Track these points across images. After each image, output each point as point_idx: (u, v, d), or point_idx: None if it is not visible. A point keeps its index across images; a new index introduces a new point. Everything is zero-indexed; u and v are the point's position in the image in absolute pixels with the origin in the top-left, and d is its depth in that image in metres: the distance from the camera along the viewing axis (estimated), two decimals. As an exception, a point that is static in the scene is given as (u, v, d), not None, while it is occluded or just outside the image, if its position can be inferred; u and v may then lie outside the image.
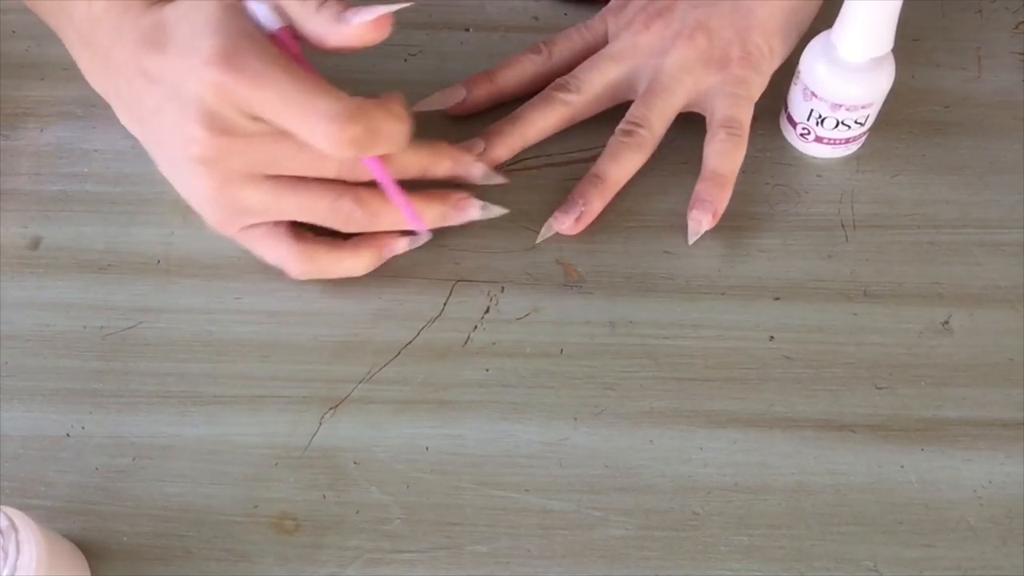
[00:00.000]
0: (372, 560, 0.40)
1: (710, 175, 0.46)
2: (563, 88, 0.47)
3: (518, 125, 0.47)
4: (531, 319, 0.45)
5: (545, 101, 0.47)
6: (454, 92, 0.49)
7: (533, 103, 0.48)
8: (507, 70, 0.49)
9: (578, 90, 0.47)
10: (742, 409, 0.43)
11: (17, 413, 0.43)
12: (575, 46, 0.49)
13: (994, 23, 0.54)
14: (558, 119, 0.48)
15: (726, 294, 0.46)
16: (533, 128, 0.47)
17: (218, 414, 0.43)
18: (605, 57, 0.48)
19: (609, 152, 0.47)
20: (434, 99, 0.49)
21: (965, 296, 0.46)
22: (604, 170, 0.46)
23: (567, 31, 0.50)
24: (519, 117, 0.47)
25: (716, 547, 0.41)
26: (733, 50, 0.47)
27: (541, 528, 0.41)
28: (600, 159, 0.47)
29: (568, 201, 0.46)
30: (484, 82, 0.49)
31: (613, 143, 0.47)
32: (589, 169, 0.47)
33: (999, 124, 0.51)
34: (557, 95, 0.47)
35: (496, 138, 0.47)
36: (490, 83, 0.49)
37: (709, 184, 0.46)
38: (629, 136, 0.46)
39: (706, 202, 0.45)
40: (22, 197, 0.48)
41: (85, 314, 0.45)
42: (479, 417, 0.43)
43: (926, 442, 0.43)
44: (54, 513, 0.41)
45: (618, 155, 0.46)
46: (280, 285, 0.46)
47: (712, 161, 0.46)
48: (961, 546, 0.41)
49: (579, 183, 0.47)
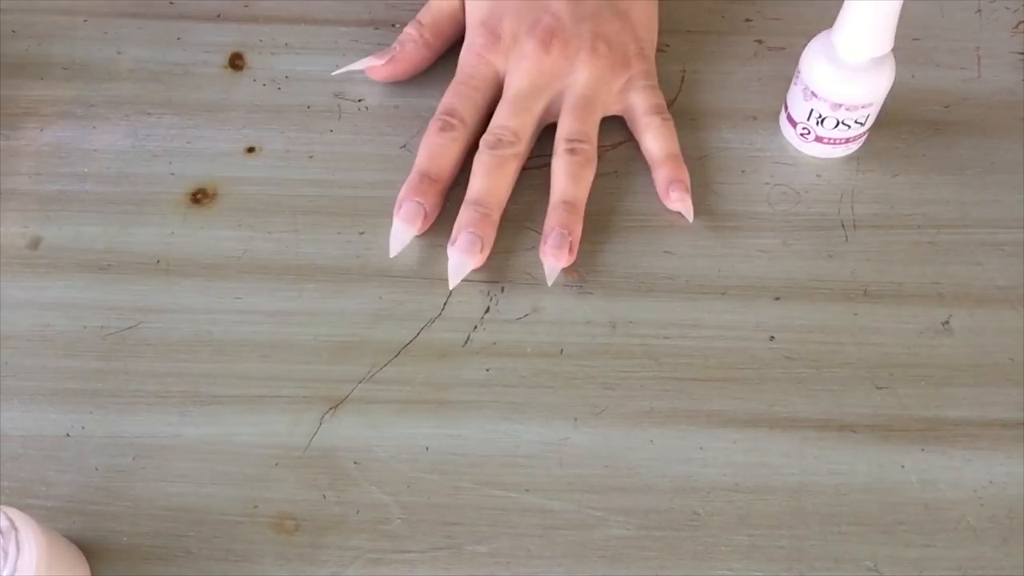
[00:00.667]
0: (372, 560, 0.40)
1: (668, 158, 0.48)
2: (502, 145, 0.46)
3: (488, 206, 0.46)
4: (531, 319, 0.45)
5: (497, 164, 0.46)
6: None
7: (485, 171, 0.46)
8: (441, 161, 0.47)
9: (518, 139, 0.47)
10: (742, 409, 0.43)
11: (17, 413, 0.43)
12: (478, 103, 0.48)
13: (994, 23, 0.54)
14: (515, 174, 0.47)
15: (726, 294, 0.46)
16: (502, 195, 0.47)
17: (218, 414, 0.43)
18: (522, 97, 0.47)
19: (568, 175, 0.46)
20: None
21: (965, 296, 0.46)
22: (573, 195, 0.46)
23: (457, 91, 0.48)
24: (481, 200, 0.46)
25: (716, 547, 0.41)
26: (630, 49, 0.49)
27: (541, 528, 0.41)
28: (561, 184, 0.46)
29: (554, 235, 0.45)
30: (428, 188, 0.46)
31: (568, 165, 0.46)
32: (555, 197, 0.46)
33: (999, 124, 0.51)
34: (503, 153, 0.46)
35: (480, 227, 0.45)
36: (434, 184, 0.46)
37: (672, 165, 0.47)
38: (577, 155, 0.47)
39: (681, 181, 0.47)
40: (22, 197, 0.48)
41: (85, 314, 0.45)
42: (479, 417, 0.43)
43: (926, 442, 0.43)
44: (54, 513, 0.41)
45: (578, 175, 0.46)
46: (280, 285, 0.46)
47: (661, 145, 0.48)
48: (961, 546, 0.41)
49: (554, 213, 0.46)
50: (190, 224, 0.47)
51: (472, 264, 0.45)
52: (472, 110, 0.48)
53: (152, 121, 0.50)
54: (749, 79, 0.52)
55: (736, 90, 0.52)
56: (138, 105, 0.51)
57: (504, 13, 0.48)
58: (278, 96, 0.51)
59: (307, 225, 0.47)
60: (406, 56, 0.50)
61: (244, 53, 0.53)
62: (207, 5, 0.54)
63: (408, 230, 0.46)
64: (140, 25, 0.53)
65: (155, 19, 0.53)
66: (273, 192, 0.48)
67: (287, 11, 0.54)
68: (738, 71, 0.52)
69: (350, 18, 0.54)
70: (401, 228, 0.46)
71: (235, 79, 0.52)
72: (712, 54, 0.53)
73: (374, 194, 0.48)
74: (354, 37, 0.53)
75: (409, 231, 0.46)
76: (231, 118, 0.50)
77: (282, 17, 0.54)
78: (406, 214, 0.46)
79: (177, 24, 0.53)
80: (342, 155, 0.50)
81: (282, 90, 0.51)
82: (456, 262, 0.45)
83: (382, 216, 0.48)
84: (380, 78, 0.51)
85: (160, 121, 0.50)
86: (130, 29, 0.53)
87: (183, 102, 0.51)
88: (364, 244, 0.47)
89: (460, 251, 0.45)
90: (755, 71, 0.52)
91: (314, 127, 0.50)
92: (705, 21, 0.54)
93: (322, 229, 0.47)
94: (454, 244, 0.45)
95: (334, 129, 0.50)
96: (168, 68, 0.52)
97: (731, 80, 0.52)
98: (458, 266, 0.45)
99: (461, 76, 0.49)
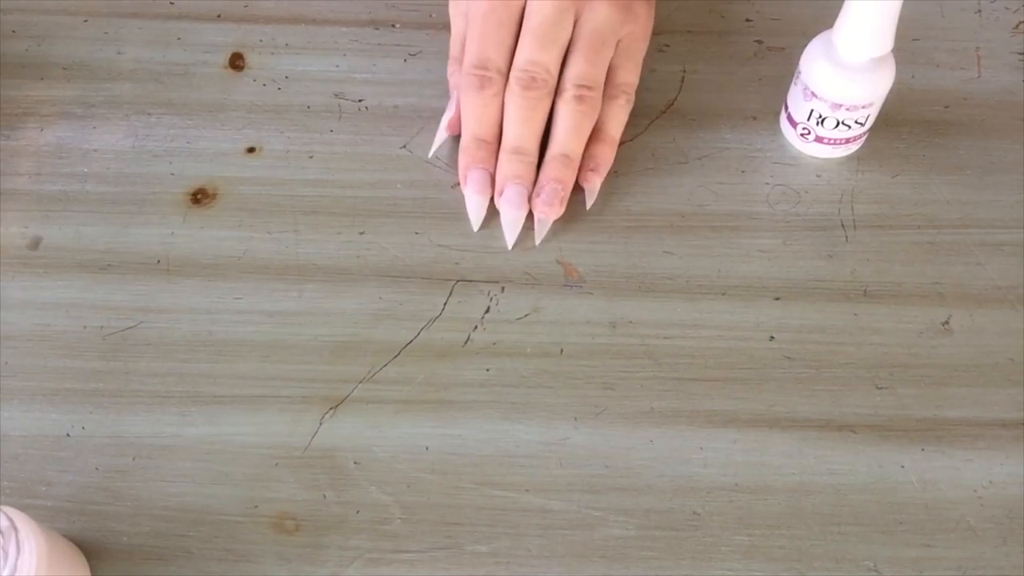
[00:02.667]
0: (372, 560, 0.40)
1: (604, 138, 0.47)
2: (536, 84, 0.45)
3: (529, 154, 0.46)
4: (531, 319, 0.45)
5: (532, 107, 0.45)
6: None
7: (522, 116, 0.45)
8: (490, 120, 0.46)
9: (550, 75, 0.45)
10: (742, 409, 0.43)
11: (17, 413, 0.43)
12: (508, 43, 0.46)
13: (994, 23, 0.54)
14: (546, 113, 0.46)
15: (726, 294, 0.46)
16: (540, 136, 0.46)
17: (218, 414, 0.43)
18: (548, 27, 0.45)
19: (571, 126, 0.45)
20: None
21: (965, 296, 0.46)
22: (572, 149, 0.46)
23: (486, 34, 0.45)
24: (522, 148, 0.45)
25: (716, 547, 0.41)
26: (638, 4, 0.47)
27: (541, 528, 0.41)
28: (561, 135, 0.46)
29: (547, 189, 0.45)
30: (490, 154, 0.46)
31: (572, 114, 0.45)
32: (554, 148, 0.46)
33: (999, 124, 0.51)
34: (538, 94, 0.45)
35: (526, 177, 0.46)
36: (491, 147, 0.46)
37: (604, 146, 0.47)
38: (583, 103, 0.45)
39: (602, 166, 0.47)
40: (22, 197, 0.48)
41: (85, 314, 0.45)
42: (479, 417, 0.43)
43: (926, 442, 0.43)
44: (54, 513, 0.41)
45: (580, 127, 0.46)
46: (280, 285, 0.46)
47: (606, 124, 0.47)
48: (961, 546, 0.41)
49: (549, 165, 0.46)
50: (190, 224, 0.47)
51: (522, 217, 0.45)
52: (505, 54, 0.46)
53: (152, 121, 0.50)
54: (749, 79, 0.52)
55: (736, 90, 0.52)
56: (138, 105, 0.51)
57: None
58: (278, 96, 0.51)
59: (307, 225, 0.47)
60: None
61: (244, 53, 0.53)
62: (207, 5, 0.54)
63: (484, 200, 0.46)
64: (140, 25, 0.53)
65: (155, 19, 0.53)
66: (273, 192, 0.48)
67: (287, 11, 0.54)
68: (738, 71, 0.52)
69: (350, 18, 0.54)
70: (477, 200, 0.46)
71: (235, 79, 0.52)
72: (712, 54, 0.53)
73: (374, 194, 0.48)
74: (354, 37, 0.53)
75: (484, 200, 0.46)
76: (231, 118, 0.50)
77: (282, 17, 0.54)
78: (478, 184, 0.46)
79: (177, 24, 0.53)
80: (342, 155, 0.49)
81: (282, 90, 0.51)
82: (510, 217, 0.44)
83: (382, 216, 0.48)
84: None
85: (160, 121, 0.50)
86: (130, 29, 0.53)
87: (183, 102, 0.51)
88: (364, 244, 0.47)
89: (511, 205, 0.45)
90: (755, 71, 0.52)
91: (314, 127, 0.50)
92: (705, 21, 0.54)
93: (322, 229, 0.47)
94: (503, 196, 0.44)
95: (334, 129, 0.50)
96: (168, 68, 0.52)
97: (731, 80, 0.52)
98: (512, 222, 0.45)
99: (484, 11, 0.45)
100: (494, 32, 0.45)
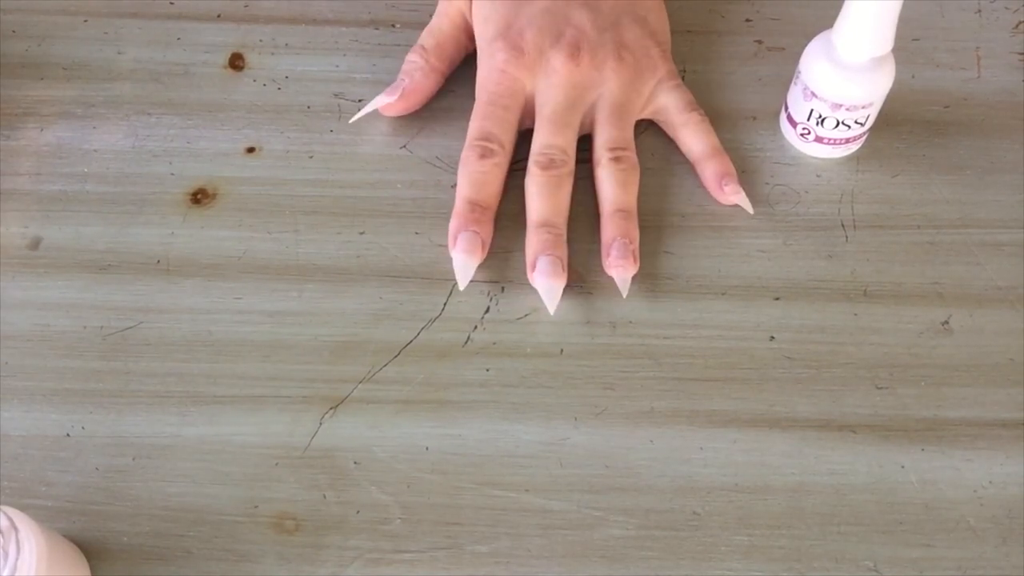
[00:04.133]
0: (372, 560, 0.40)
1: (713, 152, 0.48)
2: (555, 165, 0.46)
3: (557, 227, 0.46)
4: (531, 319, 0.45)
5: (555, 185, 0.46)
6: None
7: (546, 193, 0.46)
8: (488, 188, 0.46)
9: (567, 156, 0.47)
10: (742, 409, 0.43)
11: (17, 413, 0.43)
12: (511, 122, 0.47)
13: (994, 23, 0.54)
14: (570, 190, 0.47)
15: (726, 294, 0.46)
16: (566, 213, 0.47)
17: (218, 414, 0.43)
18: (560, 113, 0.47)
19: (617, 182, 0.46)
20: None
21: (965, 296, 0.46)
22: (626, 202, 0.46)
23: (489, 112, 0.47)
24: (549, 222, 0.46)
25: (716, 547, 0.41)
26: (654, 52, 0.49)
27: (541, 528, 0.41)
28: (611, 192, 0.46)
29: (616, 245, 0.45)
30: (481, 217, 0.46)
31: (614, 172, 0.46)
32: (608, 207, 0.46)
33: (999, 124, 0.51)
34: (558, 173, 0.46)
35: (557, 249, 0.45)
36: (485, 212, 0.46)
37: (718, 159, 0.48)
38: (622, 162, 0.47)
39: (730, 174, 0.48)
40: (22, 197, 0.48)
41: (85, 314, 0.45)
42: (479, 417, 0.43)
43: (926, 442, 0.43)
44: (54, 513, 0.41)
45: (626, 182, 0.47)
46: (280, 285, 0.46)
47: (703, 140, 0.48)
48: (961, 546, 0.41)
49: (610, 222, 0.46)
50: (190, 224, 0.47)
51: (561, 285, 0.45)
52: (508, 131, 0.47)
53: (152, 121, 0.50)
54: (749, 79, 0.52)
55: (736, 90, 0.52)
56: (138, 105, 0.51)
57: (523, 26, 0.48)
58: (278, 96, 0.51)
59: (307, 225, 0.47)
60: (416, 87, 0.49)
61: (244, 53, 0.53)
62: (207, 5, 0.54)
63: (471, 261, 0.45)
64: (140, 25, 0.53)
65: (155, 19, 0.53)
66: (273, 192, 0.48)
67: (287, 11, 0.54)
68: (738, 71, 0.52)
69: (350, 18, 0.54)
70: (464, 260, 0.45)
71: (235, 79, 0.52)
72: (712, 54, 0.53)
73: (374, 194, 0.48)
74: (354, 37, 0.53)
75: (472, 262, 0.45)
76: (231, 118, 0.50)
77: (282, 17, 0.54)
78: (467, 245, 0.45)
79: (177, 24, 0.53)
80: (342, 155, 0.49)
81: (282, 90, 0.51)
82: (546, 287, 0.44)
83: (382, 216, 0.48)
84: (394, 114, 0.50)
85: (160, 121, 0.50)
86: (130, 29, 0.53)
87: (183, 102, 0.51)
88: (364, 244, 0.47)
89: (546, 276, 0.44)
90: (755, 71, 0.52)
91: (314, 127, 0.50)
92: (705, 21, 0.54)
93: (322, 229, 0.47)
94: (536, 271, 0.45)
95: (334, 129, 0.50)
96: (168, 68, 0.52)
97: (731, 80, 0.52)
98: (549, 290, 0.44)
99: (488, 96, 0.48)
100: (500, 113, 0.47)
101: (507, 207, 0.47)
